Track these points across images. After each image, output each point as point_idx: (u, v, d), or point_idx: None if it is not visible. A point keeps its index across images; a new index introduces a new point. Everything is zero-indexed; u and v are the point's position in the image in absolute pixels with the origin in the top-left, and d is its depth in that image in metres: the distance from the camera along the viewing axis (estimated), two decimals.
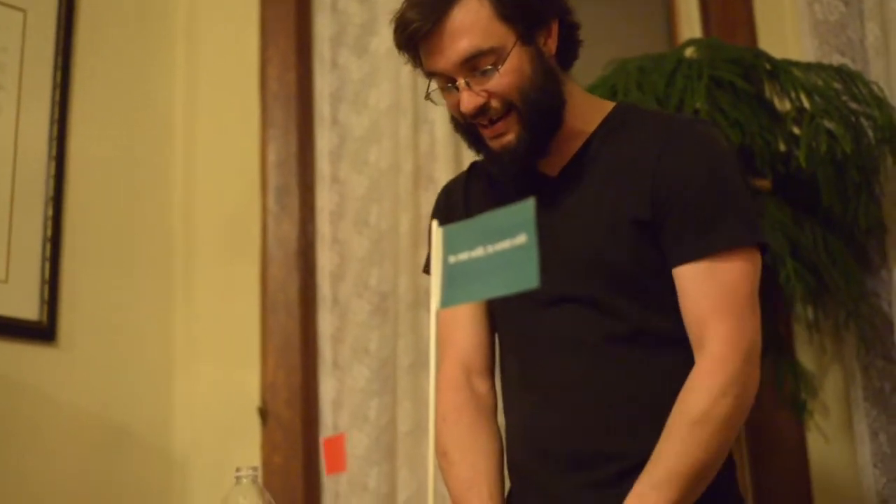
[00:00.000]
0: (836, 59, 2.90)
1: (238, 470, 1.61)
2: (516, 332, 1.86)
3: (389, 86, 3.13)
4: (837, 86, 2.62)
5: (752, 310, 1.71)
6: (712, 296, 1.69)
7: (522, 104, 1.73)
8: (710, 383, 1.66)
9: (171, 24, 3.29)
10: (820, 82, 2.61)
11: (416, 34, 1.74)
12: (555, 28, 1.79)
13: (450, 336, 1.95)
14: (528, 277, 1.22)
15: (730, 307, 1.69)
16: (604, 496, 1.70)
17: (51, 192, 2.89)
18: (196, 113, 3.23)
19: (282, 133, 3.16)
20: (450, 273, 1.29)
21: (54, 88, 2.96)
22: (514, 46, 1.72)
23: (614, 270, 1.74)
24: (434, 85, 1.81)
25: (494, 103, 1.73)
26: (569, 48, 1.83)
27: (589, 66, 2.76)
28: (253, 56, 3.24)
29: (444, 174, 2.99)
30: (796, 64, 2.65)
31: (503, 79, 1.72)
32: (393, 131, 3.10)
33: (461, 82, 1.73)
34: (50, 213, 2.88)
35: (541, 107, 1.75)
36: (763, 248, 1.76)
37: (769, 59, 2.61)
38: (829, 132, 2.49)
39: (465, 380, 1.90)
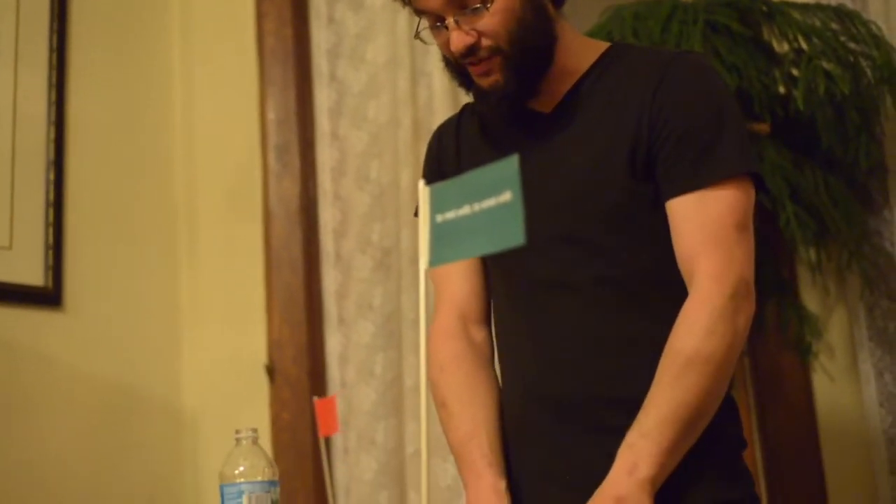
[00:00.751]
0: None
1: (238, 431, 1.62)
2: (509, 275, 1.84)
3: (386, 39, 3.12)
4: (835, 26, 2.59)
5: (740, 242, 1.68)
6: (700, 229, 1.67)
7: (510, 46, 1.71)
8: (695, 322, 1.64)
9: None
10: (818, 23, 2.58)
11: None
12: None
13: (444, 286, 1.94)
14: (514, 234, 1.22)
15: (717, 240, 1.66)
16: (599, 441, 1.68)
17: (51, 157, 2.90)
18: (194, 71, 3.23)
19: (280, 90, 3.15)
20: (437, 232, 1.28)
21: (51, 52, 2.96)
22: None
23: (608, 208, 1.72)
24: (424, 24, 1.78)
25: (483, 44, 1.71)
26: None
27: (588, 12, 2.76)
28: (249, 11, 3.22)
29: None
30: (793, 5, 2.62)
31: (493, 17, 1.70)
32: (391, 86, 3.09)
33: (450, 21, 1.71)
34: (51, 177, 2.89)
35: (529, 46, 1.73)
36: (757, 178, 1.73)
37: (765, 1, 2.59)
38: (827, 73, 2.47)
39: (462, 328, 1.89)
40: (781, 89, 2.62)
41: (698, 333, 1.63)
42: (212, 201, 3.15)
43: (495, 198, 1.24)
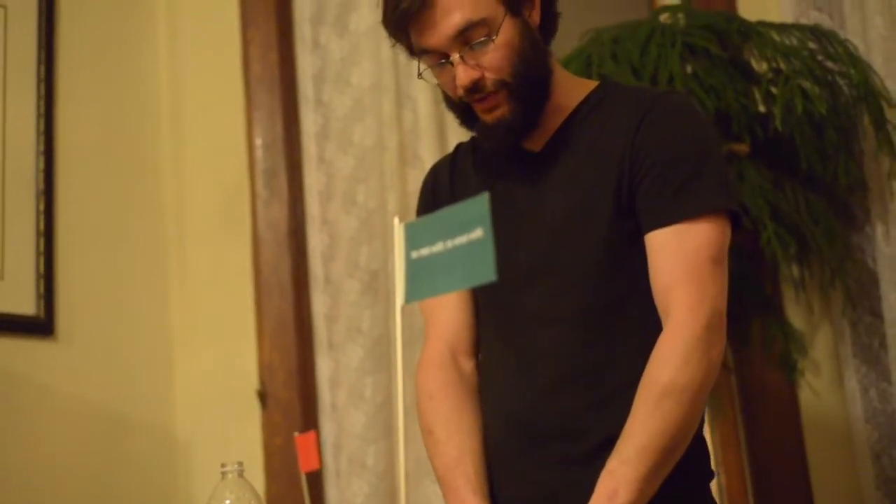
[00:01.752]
0: (813, 16, 2.90)
1: (223, 465, 1.64)
2: (496, 307, 1.88)
3: (371, 64, 3.14)
4: (813, 45, 2.63)
5: (714, 276, 1.71)
6: (676, 263, 1.71)
7: (514, 79, 1.76)
8: (671, 353, 1.67)
9: (152, 11, 3.31)
10: (795, 43, 2.61)
11: (409, 11, 1.75)
12: (537, 1, 1.81)
13: (435, 316, 1.97)
14: (485, 271, 1.25)
15: (691, 273, 1.70)
16: (574, 472, 1.72)
17: (41, 187, 2.92)
18: (181, 99, 3.25)
19: (267, 115, 3.18)
20: (412, 268, 1.31)
21: (38, 82, 2.98)
22: (504, 17, 1.74)
23: (594, 243, 1.76)
24: (424, 64, 1.82)
25: (488, 79, 1.75)
26: (549, 21, 1.86)
27: (569, 36, 2.79)
28: (235, 38, 3.25)
29: (428, 151, 3.01)
30: (771, 25, 2.65)
31: (497, 52, 1.74)
32: (376, 109, 3.11)
33: (455, 56, 1.75)
34: (41, 207, 2.91)
35: (531, 80, 1.77)
36: (735, 215, 1.77)
37: (742, 22, 2.62)
38: (804, 93, 2.50)
39: (451, 359, 1.92)
40: (761, 108, 2.64)
41: (674, 364, 1.66)
42: (201, 227, 3.17)
43: (467, 235, 1.27)
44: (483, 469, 1.83)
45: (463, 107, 1.81)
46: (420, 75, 1.84)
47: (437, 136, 3.03)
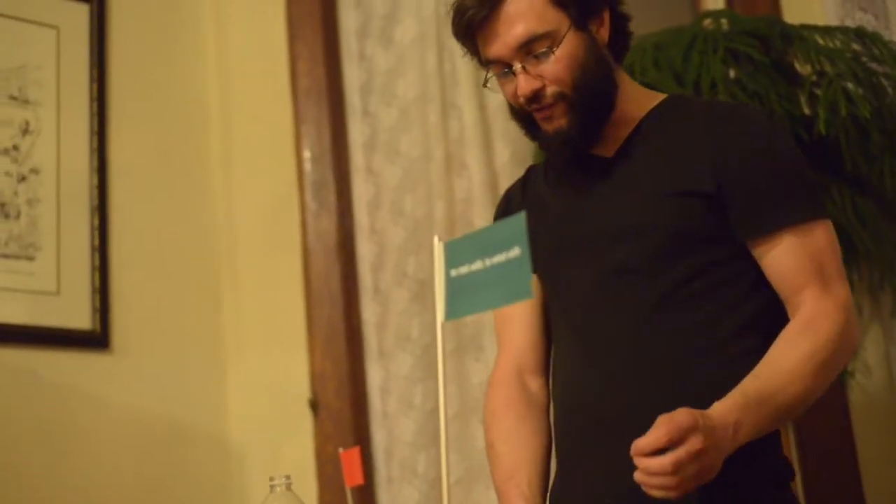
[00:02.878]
0: (858, 17, 2.89)
1: (272, 479, 1.68)
2: (570, 305, 1.90)
3: (416, 75, 3.17)
4: (857, 47, 2.61)
5: (843, 276, 1.79)
6: (804, 265, 1.75)
7: (574, 91, 1.80)
8: (814, 333, 1.70)
9: (200, 29, 3.36)
10: (839, 45, 2.60)
11: (473, 21, 1.82)
12: (607, 17, 1.86)
13: (504, 334, 2.02)
14: (523, 289, 1.27)
15: (822, 274, 1.75)
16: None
17: (95, 203, 2.98)
18: (230, 114, 3.30)
19: (315, 128, 3.22)
20: (452, 286, 1.33)
21: (91, 101, 3.05)
22: (567, 31, 1.79)
23: (667, 238, 1.78)
24: (491, 74, 1.87)
25: (549, 89, 1.80)
26: (620, 39, 1.90)
27: None
28: (282, 53, 3.29)
29: (474, 160, 3.04)
30: (814, 28, 2.64)
31: (558, 63, 1.79)
32: (422, 120, 3.15)
33: (517, 66, 1.80)
34: (96, 223, 2.97)
35: (592, 92, 1.82)
36: None
37: (784, 26, 2.61)
38: (848, 95, 2.49)
39: (517, 376, 1.96)
40: (806, 111, 2.63)
41: (819, 340, 1.70)
42: (252, 240, 3.22)
43: (505, 253, 1.29)
44: (540, 480, 1.86)
45: (526, 116, 1.86)
46: (486, 84, 1.89)
47: (482, 145, 3.05)
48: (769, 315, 1.78)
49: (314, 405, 3.06)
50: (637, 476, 1.52)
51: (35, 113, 2.94)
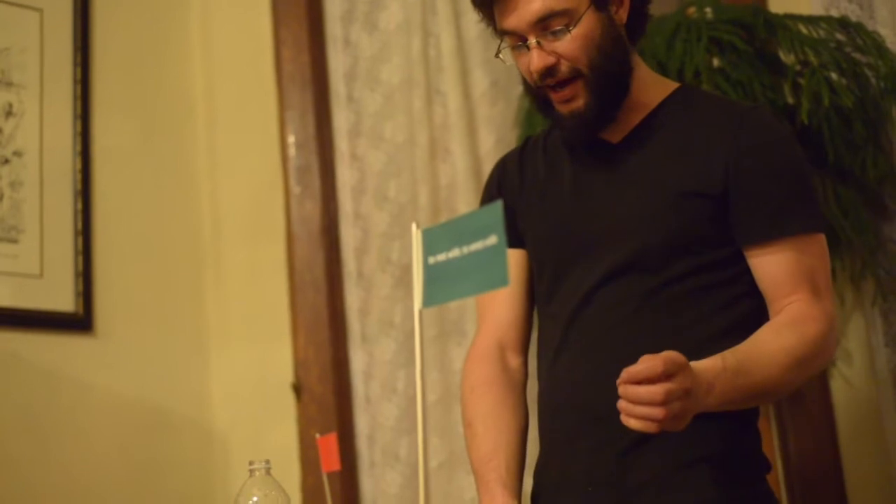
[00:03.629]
0: (843, 7, 2.89)
1: (251, 463, 1.68)
2: (562, 294, 1.89)
3: (401, 60, 3.17)
4: (841, 37, 2.62)
5: (831, 292, 1.81)
6: (797, 275, 1.76)
7: (589, 70, 1.79)
8: (802, 328, 1.72)
9: (185, 13, 3.35)
10: (823, 34, 2.61)
11: None
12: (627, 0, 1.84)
13: (486, 309, 2.00)
14: (499, 277, 1.27)
15: (813, 286, 1.77)
16: (624, 454, 1.74)
17: (78, 187, 2.98)
18: (215, 99, 3.29)
19: (299, 114, 3.21)
20: (429, 273, 1.34)
21: (75, 84, 3.04)
22: (586, 10, 1.78)
23: (668, 237, 1.79)
24: (505, 44, 1.86)
25: (563, 66, 1.79)
26: (638, 21, 1.89)
27: None
28: (266, 38, 3.29)
29: (459, 145, 3.04)
30: (798, 18, 2.65)
31: (574, 42, 1.78)
32: (407, 106, 3.14)
33: (532, 41, 1.79)
34: (79, 206, 2.97)
35: (608, 73, 1.81)
36: None
37: (767, 15, 2.61)
38: (830, 85, 2.50)
39: (498, 353, 1.96)
40: (790, 100, 2.64)
41: (806, 339, 1.72)
42: (236, 224, 3.22)
43: (482, 241, 1.29)
44: (517, 464, 1.86)
45: (541, 94, 1.85)
46: (498, 55, 1.88)
47: (467, 131, 3.05)
48: (756, 320, 1.79)
49: (297, 389, 3.06)
50: (621, 404, 1.52)
51: (18, 95, 2.93)
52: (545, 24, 1.78)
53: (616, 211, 1.83)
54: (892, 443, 2.77)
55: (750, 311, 1.80)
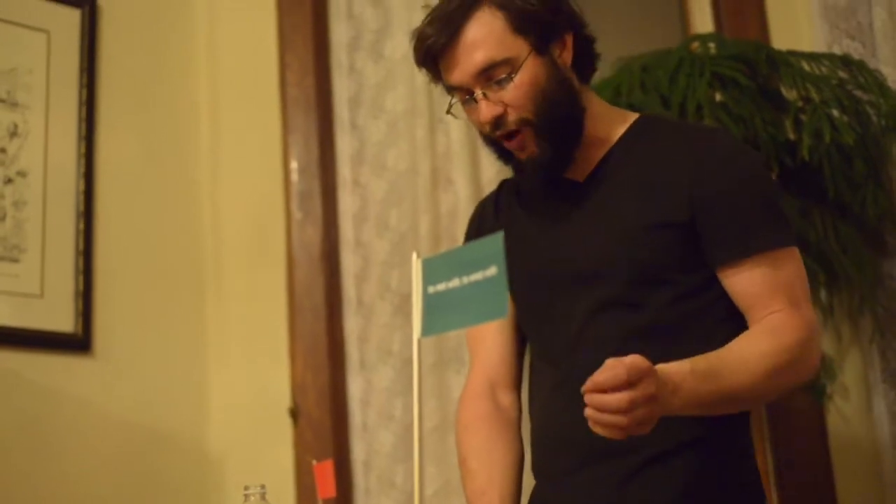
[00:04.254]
0: (846, 44, 2.92)
1: (246, 488, 1.68)
2: (547, 335, 1.91)
3: (405, 89, 3.18)
4: (843, 75, 2.64)
5: (809, 302, 1.80)
6: (773, 290, 1.76)
7: (536, 117, 1.80)
8: (779, 336, 1.72)
9: (191, 37, 3.36)
10: (825, 72, 2.63)
11: (433, 48, 1.83)
12: (569, 40, 1.86)
13: (477, 348, 2.03)
14: (498, 308, 1.28)
15: (791, 297, 1.76)
16: (622, 489, 1.74)
17: (81, 208, 2.98)
18: (219, 122, 3.30)
19: (303, 139, 3.22)
20: (429, 303, 1.34)
21: (80, 106, 3.05)
22: (527, 57, 1.79)
23: (643, 270, 1.79)
24: (455, 99, 1.88)
25: (510, 116, 1.80)
26: (585, 61, 1.90)
27: (604, 62, 2.81)
28: (272, 62, 3.30)
29: (460, 175, 3.05)
30: (800, 54, 2.67)
31: (518, 89, 1.79)
32: (410, 134, 3.15)
33: (478, 93, 1.80)
34: (81, 227, 2.97)
35: (556, 118, 1.82)
36: None
37: (770, 52, 2.64)
38: (832, 122, 2.51)
39: (489, 391, 1.97)
40: (791, 136, 2.66)
41: (777, 347, 1.72)
42: (237, 248, 3.22)
43: (482, 272, 1.30)
44: (511, 499, 1.88)
45: (498, 143, 1.86)
46: (449, 110, 1.90)
47: (469, 160, 3.06)
48: None
49: (294, 414, 3.06)
50: (588, 412, 1.53)
51: (24, 116, 2.94)
52: (488, 75, 1.79)
53: (587, 250, 1.84)
54: (888, 480, 2.77)
55: (733, 333, 1.78)
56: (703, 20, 3.22)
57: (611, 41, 2.07)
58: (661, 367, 1.58)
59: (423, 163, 3.09)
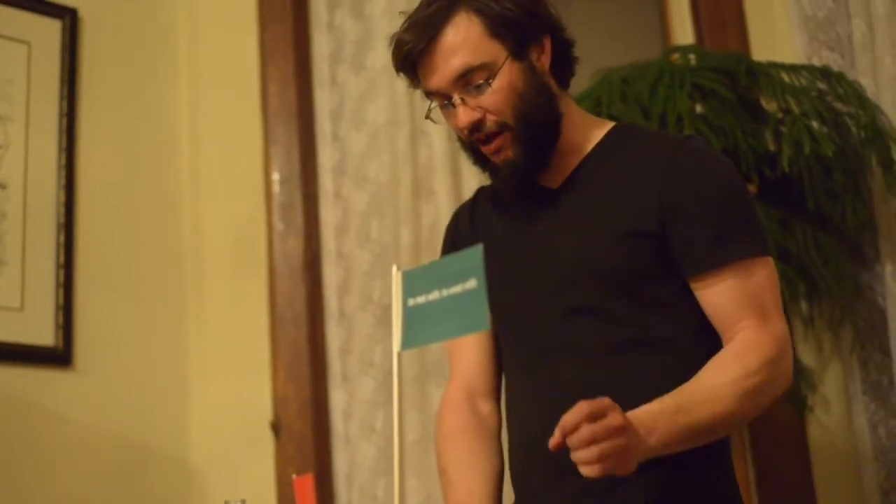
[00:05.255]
0: (825, 56, 2.93)
1: (227, 502, 1.68)
2: (517, 342, 1.91)
3: (386, 101, 3.18)
4: (822, 86, 2.65)
5: (780, 312, 1.79)
6: (742, 302, 1.75)
7: (515, 121, 1.80)
8: (746, 359, 1.71)
9: (173, 48, 3.36)
10: (804, 83, 2.64)
11: (412, 54, 1.82)
12: (547, 44, 1.85)
13: (456, 358, 2.02)
14: (478, 320, 1.28)
15: (760, 310, 1.75)
16: (599, 502, 1.74)
17: (62, 220, 2.97)
18: (200, 134, 3.30)
19: (284, 150, 3.22)
20: (409, 315, 1.34)
21: (61, 117, 3.04)
22: (505, 62, 1.79)
23: (615, 279, 1.79)
24: (434, 104, 1.88)
25: (489, 120, 1.80)
26: (564, 65, 1.90)
27: (584, 74, 2.82)
28: (254, 75, 3.30)
29: (442, 186, 3.05)
30: (780, 66, 2.68)
31: (496, 94, 1.79)
32: (391, 145, 3.15)
33: (456, 98, 1.80)
34: (62, 239, 2.96)
35: (534, 121, 1.81)
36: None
37: (750, 63, 2.65)
38: (811, 134, 2.52)
39: (468, 401, 1.97)
40: (771, 147, 2.67)
41: (748, 368, 1.70)
42: (218, 260, 3.21)
43: (462, 285, 1.30)
44: None
45: (474, 147, 1.86)
46: (429, 115, 1.90)
47: (451, 171, 3.07)
48: (713, 354, 1.78)
49: (276, 427, 3.05)
50: (571, 455, 1.53)
51: (4, 128, 2.93)
52: (466, 80, 1.79)
53: (560, 258, 1.83)
54: (868, 491, 2.78)
55: (707, 352, 1.77)
56: (683, 32, 3.23)
57: (591, 53, 2.07)
58: (631, 412, 1.59)
59: (404, 174, 3.09)
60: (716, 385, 1.68)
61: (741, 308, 1.75)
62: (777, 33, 3.08)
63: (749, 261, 1.77)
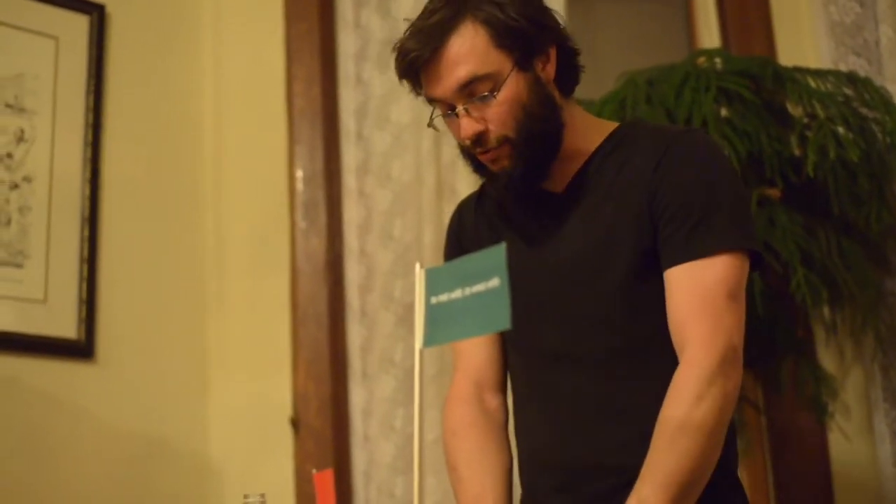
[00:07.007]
0: (852, 61, 2.93)
1: (246, 497, 1.68)
2: (521, 346, 1.91)
3: (410, 100, 3.16)
4: (848, 91, 2.64)
5: (730, 310, 1.72)
6: (691, 298, 1.72)
7: (517, 134, 1.78)
8: (685, 389, 1.67)
9: (199, 46, 3.37)
10: (830, 88, 2.63)
11: (416, 62, 1.80)
12: (553, 54, 1.83)
13: (462, 351, 2.01)
14: (501, 318, 1.28)
15: (707, 308, 1.70)
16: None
17: (86, 214, 2.99)
18: (224, 131, 3.31)
19: (308, 149, 3.23)
20: (432, 313, 1.34)
21: (87, 112, 3.06)
22: (510, 72, 1.77)
23: (616, 282, 1.78)
24: (437, 112, 1.87)
25: (491, 134, 1.78)
26: (569, 74, 1.88)
27: (610, 76, 2.82)
28: (279, 73, 3.30)
29: (465, 186, 3.05)
30: (806, 71, 2.67)
31: (501, 106, 1.77)
32: (415, 145, 3.16)
33: (460, 108, 1.79)
34: (86, 233, 2.98)
35: (536, 134, 1.79)
36: (754, 254, 1.79)
37: (776, 67, 2.64)
38: (837, 139, 2.51)
39: (476, 395, 1.96)
40: (796, 152, 2.66)
41: (688, 400, 1.66)
42: (240, 257, 3.22)
43: (485, 283, 1.30)
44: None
45: (472, 155, 1.85)
46: (431, 123, 1.89)
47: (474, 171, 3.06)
48: None
49: (295, 424, 3.06)
50: None
51: (30, 121, 2.95)
52: (470, 90, 1.77)
53: (562, 263, 1.83)
54: (889, 498, 2.77)
55: None
56: (709, 36, 3.23)
57: (617, 55, 2.07)
58: None
59: (427, 174, 3.09)
60: (672, 462, 1.64)
61: (691, 314, 1.71)
62: (803, 38, 3.08)
63: (709, 257, 1.73)
